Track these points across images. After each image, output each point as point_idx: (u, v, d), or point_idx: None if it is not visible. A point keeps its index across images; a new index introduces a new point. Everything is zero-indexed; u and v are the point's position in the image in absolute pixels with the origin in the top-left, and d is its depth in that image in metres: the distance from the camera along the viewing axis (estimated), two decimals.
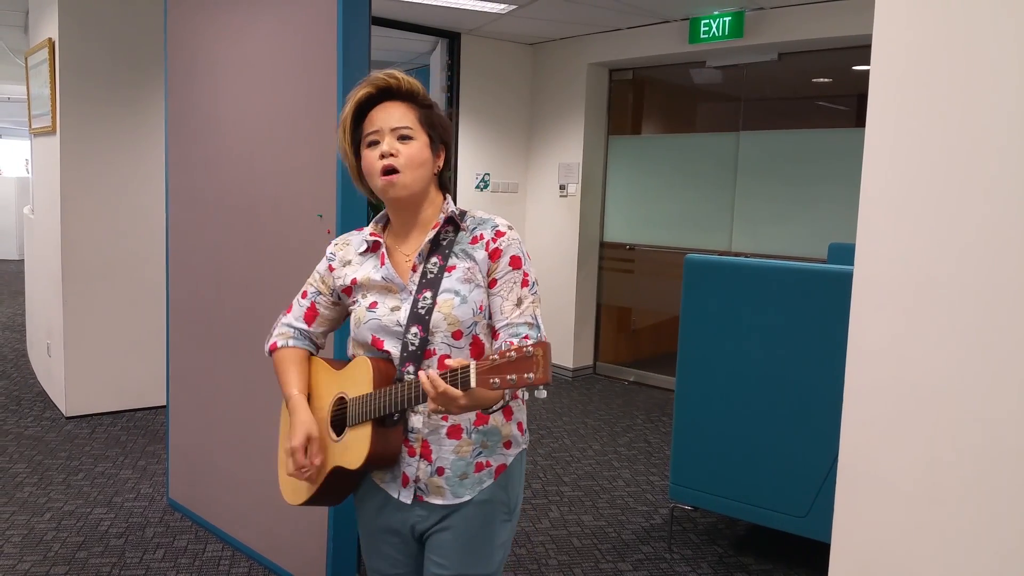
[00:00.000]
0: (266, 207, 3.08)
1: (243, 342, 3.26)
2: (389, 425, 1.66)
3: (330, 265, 1.83)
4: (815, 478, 3.05)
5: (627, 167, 6.71)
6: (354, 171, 1.76)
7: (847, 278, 1.71)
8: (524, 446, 1.79)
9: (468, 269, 1.68)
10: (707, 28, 5.58)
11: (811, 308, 3.05)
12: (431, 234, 1.70)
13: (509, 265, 1.68)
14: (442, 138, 1.74)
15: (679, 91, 6.87)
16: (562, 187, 6.75)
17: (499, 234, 1.70)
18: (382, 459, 1.68)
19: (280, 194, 3.02)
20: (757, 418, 3.21)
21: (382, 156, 1.66)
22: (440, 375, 1.44)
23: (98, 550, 3.35)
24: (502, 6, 5.47)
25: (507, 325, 1.66)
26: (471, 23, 6.08)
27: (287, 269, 2.99)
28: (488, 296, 1.69)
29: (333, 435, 1.73)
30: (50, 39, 4.85)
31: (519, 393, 1.71)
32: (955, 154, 1.52)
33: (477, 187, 6.71)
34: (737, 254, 5.83)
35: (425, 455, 1.69)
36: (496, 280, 1.68)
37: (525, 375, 1.34)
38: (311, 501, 1.80)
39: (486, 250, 1.69)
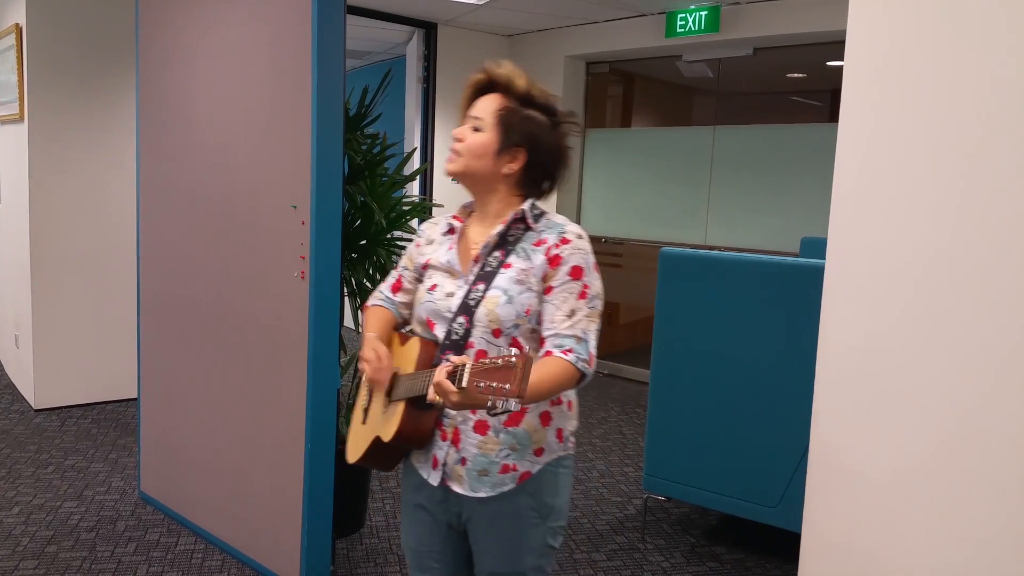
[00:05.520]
0: (239, 198, 3.05)
1: (215, 333, 3.23)
2: (422, 407, 1.69)
3: (417, 242, 1.90)
4: (786, 469, 3.08)
5: (603, 160, 6.72)
6: None
7: (819, 272, 1.73)
8: (561, 454, 1.78)
9: (523, 270, 1.68)
10: (683, 22, 5.60)
11: (784, 301, 3.08)
12: (499, 228, 1.72)
13: (568, 275, 1.67)
14: (520, 141, 1.72)
15: (656, 85, 6.90)
16: None
17: (564, 241, 1.69)
18: (411, 438, 1.73)
19: (254, 185, 2.99)
20: (729, 410, 3.24)
21: (454, 139, 1.76)
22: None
23: (68, 544, 3.31)
24: None
25: (554, 335, 1.64)
26: (448, 13, 6.05)
27: (260, 260, 2.97)
28: (541, 302, 1.68)
29: (386, 405, 1.79)
30: (17, 24, 4.76)
31: (564, 399, 1.77)
32: (926, 150, 1.53)
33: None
34: (712, 247, 5.87)
35: (455, 442, 1.73)
36: (552, 288, 1.67)
37: (502, 385, 1.33)
38: (362, 462, 1.85)
39: (546, 255, 1.68)
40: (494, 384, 1.34)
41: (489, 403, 1.37)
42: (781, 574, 3.29)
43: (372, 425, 1.82)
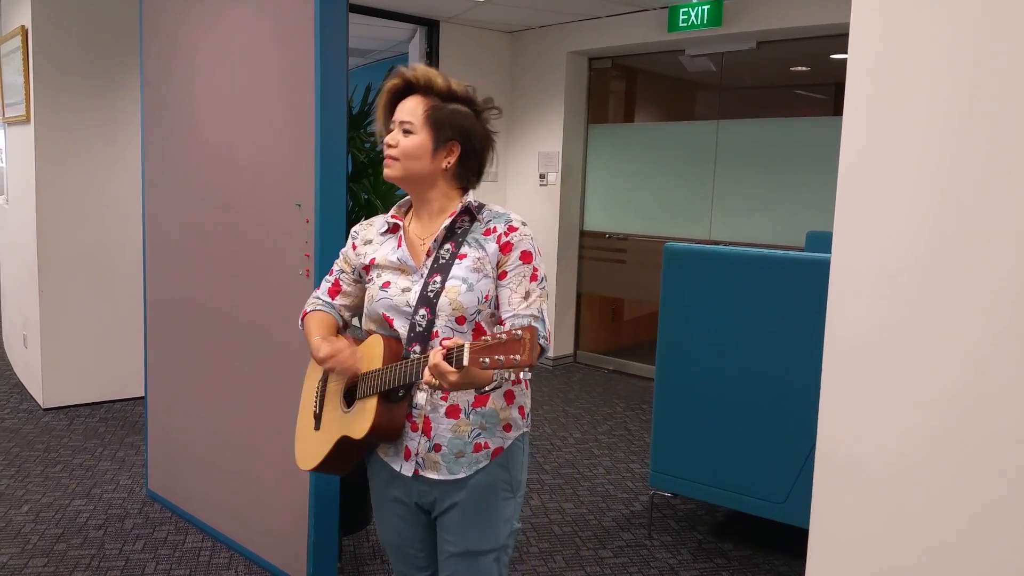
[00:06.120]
0: (244, 196, 3.06)
1: (221, 332, 3.24)
2: (394, 400, 1.77)
3: (353, 244, 1.94)
4: (793, 465, 3.08)
5: (607, 156, 6.71)
6: None
7: (825, 266, 1.72)
8: (525, 429, 1.89)
9: (478, 259, 1.77)
10: (686, 16, 5.59)
11: (789, 296, 3.08)
12: (447, 222, 1.80)
13: (519, 259, 1.77)
14: (453, 135, 1.80)
15: (658, 80, 6.88)
16: (542, 176, 6.75)
17: (511, 229, 1.79)
18: (385, 432, 1.78)
19: (258, 183, 2.99)
20: (736, 405, 3.24)
21: (385, 144, 1.81)
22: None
23: (77, 542, 3.32)
24: None
25: (513, 316, 1.74)
26: (450, 10, 6.05)
27: (265, 258, 2.97)
28: (497, 287, 1.78)
29: (344, 407, 1.83)
30: (23, 27, 4.78)
31: (521, 377, 1.81)
32: (931, 143, 1.53)
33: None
34: (716, 242, 5.86)
35: (426, 431, 1.79)
36: (506, 272, 1.77)
37: (512, 356, 1.42)
38: (320, 468, 1.90)
39: (497, 243, 1.78)
40: (501, 358, 1.42)
41: (495, 378, 1.48)
42: (789, 570, 3.29)
43: (332, 428, 1.86)
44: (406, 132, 1.78)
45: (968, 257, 1.48)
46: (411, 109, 1.79)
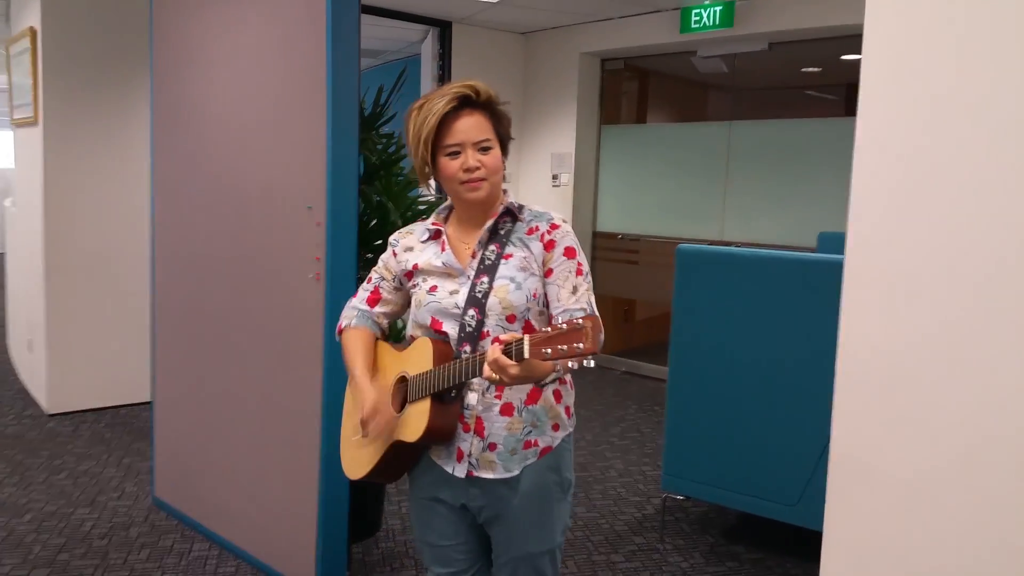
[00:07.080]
0: (254, 199, 3.04)
1: (230, 336, 3.21)
2: (447, 401, 1.78)
3: (393, 251, 1.95)
4: (806, 466, 3.04)
5: (619, 157, 6.69)
6: (424, 172, 1.82)
7: (838, 268, 1.69)
8: (570, 429, 1.91)
9: (524, 258, 1.79)
10: (698, 18, 5.57)
11: (802, 297, 3.04)
12: (490, 223, 1.82)
13: (564, 255, 1.79)
14: (506, 140, 1.84)
15: (671, 81, 6.86)
16: (555, 177, 6.73)
17: (553, 227, 1.82)
18: (440, 432, 1.78)
19: (268, 186, 2.97)
20: (748, 407, 3.20)
21: (467, 170, 1.76)
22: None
23: (80, 551, 3.29)
24: None
25: (564, 311, 1.76)
26: (462, 11, 6.04)
27: (275, 262, 2.95)
28: (544, 285, 1.80)
29: (394, 411, 1.84)
30: (32, 28, 4.78)
31: (567, 378, 1.90)
32: (945, 144, 1.51)
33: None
34: (728, 243, 5.82)
35: (478, 431, 1.80)
36: (552, 270, 1.79)
37: (575, 344, 1.42)
38: (370, 476, 1.90)
39: (541, 241, 1.80)
40: (564, 347, 1.43)
41: (557, 368, 1.52)
42: (802, 573, 3.25)
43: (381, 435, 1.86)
44: (484, 150, 1.77)
45: (982, 258, 1.46)
46: (480, 126, 1.77)
